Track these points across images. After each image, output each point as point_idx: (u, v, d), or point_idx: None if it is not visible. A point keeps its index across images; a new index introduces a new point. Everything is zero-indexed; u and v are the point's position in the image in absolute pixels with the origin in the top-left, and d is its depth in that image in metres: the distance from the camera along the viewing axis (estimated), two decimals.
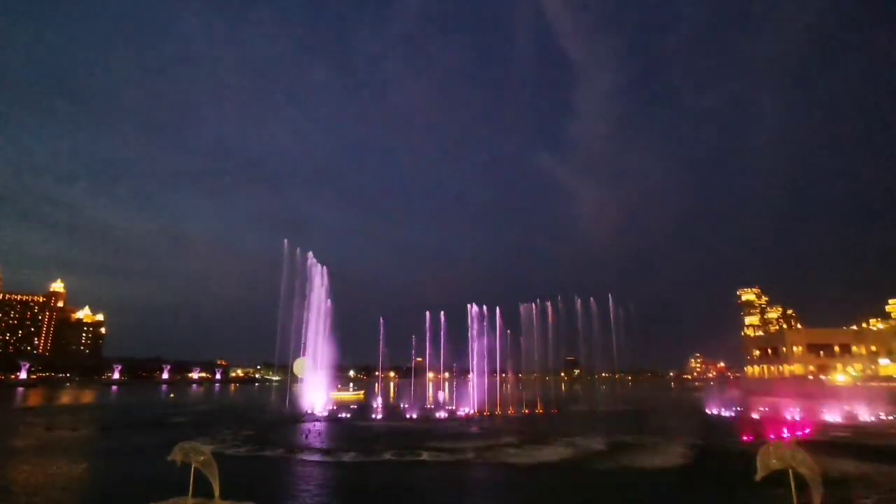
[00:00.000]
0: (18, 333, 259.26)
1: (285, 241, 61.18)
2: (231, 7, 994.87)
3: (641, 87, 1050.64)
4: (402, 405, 61.50)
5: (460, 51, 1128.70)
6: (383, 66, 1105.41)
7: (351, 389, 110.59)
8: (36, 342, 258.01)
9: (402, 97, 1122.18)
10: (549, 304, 74.83)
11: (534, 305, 74.22)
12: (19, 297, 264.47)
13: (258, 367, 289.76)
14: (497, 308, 67.75)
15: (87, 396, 68.29)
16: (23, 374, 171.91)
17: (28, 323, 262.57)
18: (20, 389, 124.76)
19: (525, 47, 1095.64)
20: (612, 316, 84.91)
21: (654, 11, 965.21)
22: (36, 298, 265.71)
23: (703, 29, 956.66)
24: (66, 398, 79.23)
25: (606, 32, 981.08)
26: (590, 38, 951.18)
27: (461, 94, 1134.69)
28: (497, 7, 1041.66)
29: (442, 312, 71.67)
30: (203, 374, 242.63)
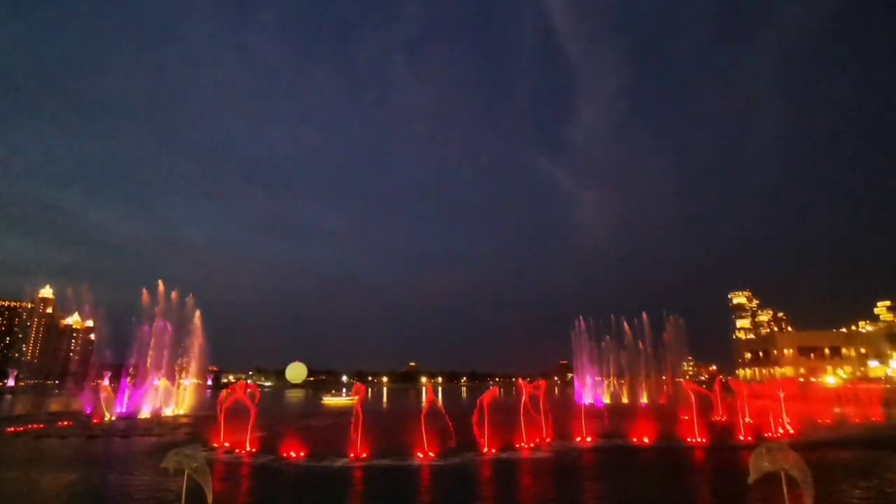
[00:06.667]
0: (6, 340, 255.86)
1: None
2: (232, 9, 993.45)
3: (642, 92, 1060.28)
4: None
5: (463, 54, 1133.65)
6: (385, 69, 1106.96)
7: (344, 395, 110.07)
8: (24, 349, 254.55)
9: (403, 101, 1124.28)
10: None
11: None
12: (7, 304, 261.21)
13: (250, 372, 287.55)
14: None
15: (77, 403, 67.38)
16: (10, 382, 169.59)
17: (16, 329, 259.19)
18: (8, 397, 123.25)
19: (527, 51, 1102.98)
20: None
21: (655, 16, 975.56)
22: (24, 305, 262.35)
23: (705, 33, 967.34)
24: (55, 405, 78.13)
25: (608, 37, 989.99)
26: (592, 42, 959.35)
27: (463, 97, 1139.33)
28: (500, 12, 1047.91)
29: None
30: (194, 380, 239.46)
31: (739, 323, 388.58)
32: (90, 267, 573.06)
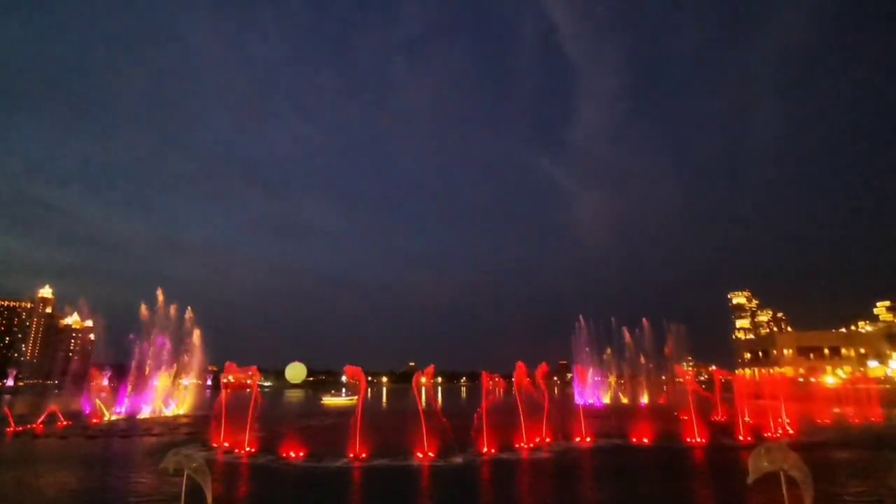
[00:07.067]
0: (6, 340, 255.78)
1: None
2: (232, 9, 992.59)
3: (642, 92, 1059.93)
4: None
5: (463, 55, 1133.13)
6: (385, 69, 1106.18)
7: (344, 395, 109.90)
8: (24, 349, 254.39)
9: (403, 101, 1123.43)
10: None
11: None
12: (7, 304, 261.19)
13: (250, 372, 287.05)
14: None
15: (76, 404, 67.36)
16: (10, 382, 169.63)
17: (16, 329, 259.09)
18: (8, 397, 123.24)
19: (527, 51, 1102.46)
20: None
21: (656, 18, 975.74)
22: (24, 305, 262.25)
23: (705, 33, 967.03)
24: (54, 406, 77.99)
25: (608, 37, 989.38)
26: (592, 42, 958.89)
27: (463, 98, 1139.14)
28: (500, 12, 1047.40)
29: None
30: (194, 380, 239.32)
31: (739, 323, 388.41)
32: (90, 267, 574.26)
